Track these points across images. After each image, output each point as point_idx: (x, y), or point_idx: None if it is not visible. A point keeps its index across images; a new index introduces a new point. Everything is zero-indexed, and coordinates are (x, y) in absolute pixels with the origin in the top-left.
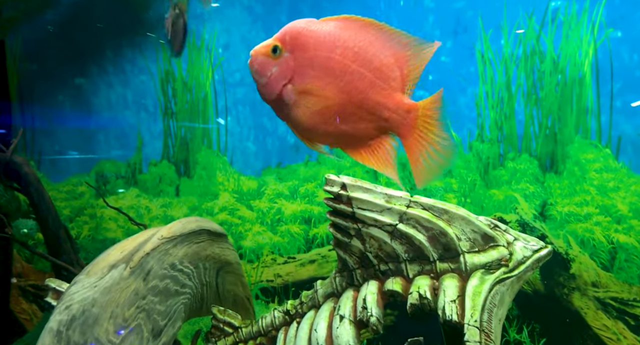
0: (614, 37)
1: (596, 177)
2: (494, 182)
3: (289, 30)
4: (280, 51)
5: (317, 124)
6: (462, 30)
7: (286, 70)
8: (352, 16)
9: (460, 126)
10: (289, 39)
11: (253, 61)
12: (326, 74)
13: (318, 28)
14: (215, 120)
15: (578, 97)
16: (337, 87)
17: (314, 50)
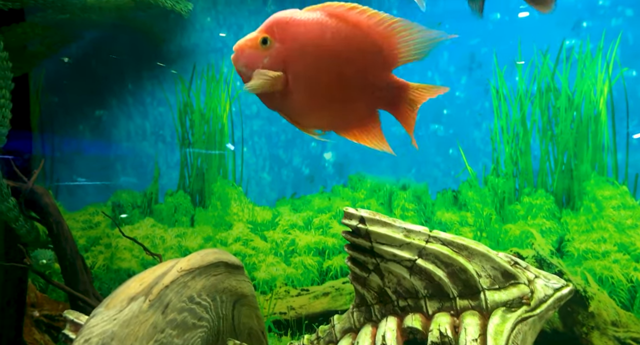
0: (629, 76)
1: (614, 215)
2: (510, 216)
3: (276, 21)
4: (270, 42)
5: (313, 109)
6: (477, 66)
7: (279, 60)
8: (334, 2)
9: (476, 160)
10: (277, 29)
11: (240, 55)
12: (319, 60)
13: (305, 17)
14: (226, 146)
15: (594, 134)
16: (330, 72)
17: (305, 38)
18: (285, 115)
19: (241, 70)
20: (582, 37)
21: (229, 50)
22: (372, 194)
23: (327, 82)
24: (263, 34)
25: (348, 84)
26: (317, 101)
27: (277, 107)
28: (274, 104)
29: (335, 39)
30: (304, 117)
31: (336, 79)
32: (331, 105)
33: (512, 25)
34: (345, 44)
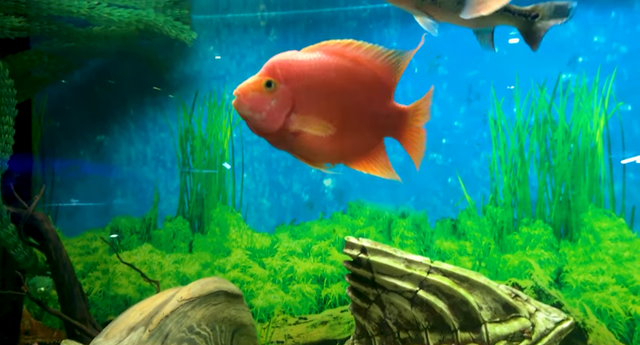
0: (624, 110)
1: (611, 246)
2: (509, 246)
3: (278, 63)
4: (274, 84)
5: (323, 145)
6: (475, 97)
7: (286, 101)
8: (330, 41)
9: (474, 190)
10: (280, 71)
11: (244, 99)
12: (325, 97)
13: (306, 57)
14: (222, 165)
15: (590, 166)
16: (337, 107)
17: (309, 77)
18: (295, 154)
19: (246, 114)
20: (578, 71)
21: (231, 78)
22: (371, 221)
23: (335, 117)
24: (266, 76)
25: (354, 117)
26: (327, 137)
27: (287, 148)
28: (284, 145)
29: (338, 75)
30: (315, 154)
31: (343, 113)
32: (341, 139)
33: (510, 58)
34: (348, 78)
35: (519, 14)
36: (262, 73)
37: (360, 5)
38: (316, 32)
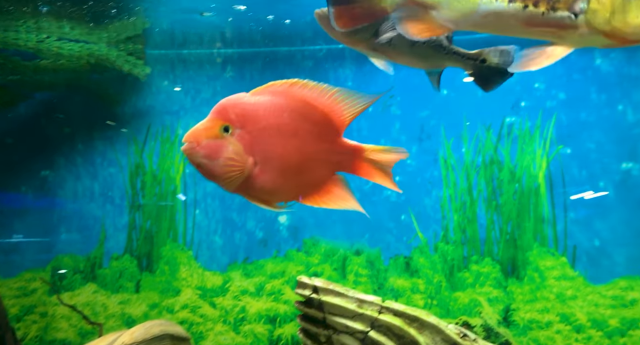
0: (564, 153)
1: (555, 285)
2: (459, 284)
3: (231, 107)
4: (230, 129)
5: (280, 186)
6: (426, 137)
7: (243, 145)
8: (276, 82)
9: (427, 227)
10: (235, 116)
11: (198, 146)
12: (280, 139)
13: (257, 100)
14: (177, 196)
15: (535, 205)
16: (292, 148)
17: (265, 120)
18: (251, 197)
19: (201, 162)
20: (521, 115)
21: (185, 112)
22: (326, 258)
23: (290, 157)
24: (220, 121)
25: (308, 155)
26: (284, 178)
27: (244, 191)
28: (240, 189)
29: (290, 116)
30: (273, 195)
31: (297, 153)
32: (296, 178)
33: (458, 101)
34: (300, 118)
35: (468, 57)
36: (215, 117)
37: (316, 45)
38: (272, 70)
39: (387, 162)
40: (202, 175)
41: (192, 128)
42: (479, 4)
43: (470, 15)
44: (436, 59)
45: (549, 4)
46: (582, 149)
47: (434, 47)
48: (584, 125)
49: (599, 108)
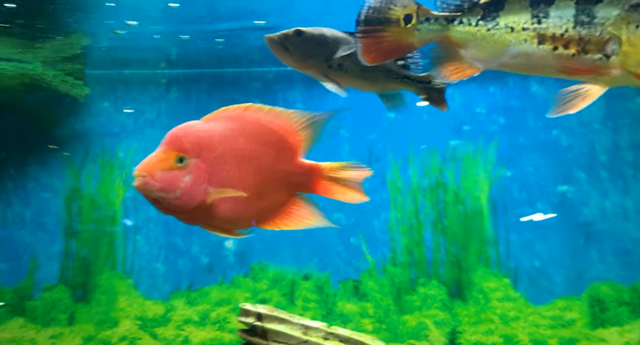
0: (505, 175)
1: (498, 306)
2: (407, 307)
3: (184, 136)
4: (186, 159)
5: (240, 213)
6: (375, 159)
7: (201, 175)
8: (228, 107)
9: (375, 249)
10: (190, 145)
11: (152, 179)
12: (237, 165)
13: (211, 127)
14: (122, 221)
15: (478, 227)
16: (249, 172)
17: (222, 147)
18: (210, 227)
19: (157, 195)
20: (464, 138)
21: (127, 135)
22: (274, 284)
23: (249, 182)
24: (175, 151)
25: (267, 179)
26: (244, 205)
27: (202, 222)
28: (199, 220)
29: (246, 141)
30: (233, 223)
31: (256, 178)
32: (256, 203)
33: (404, 123)
34: (256, 142)
35: (417, 80)
36: (168, 148)
37: (264, 67)
38: (220, 91)
39: (349, 178)
40: (158, 210)
41: (143, 161)
42: (508, 45)
43: (499, 56)
44: (387, 83)
45: (579, 46)
46: (521, 172)
47: (385, 71)
48: (522, 149)
49: (535, 133)
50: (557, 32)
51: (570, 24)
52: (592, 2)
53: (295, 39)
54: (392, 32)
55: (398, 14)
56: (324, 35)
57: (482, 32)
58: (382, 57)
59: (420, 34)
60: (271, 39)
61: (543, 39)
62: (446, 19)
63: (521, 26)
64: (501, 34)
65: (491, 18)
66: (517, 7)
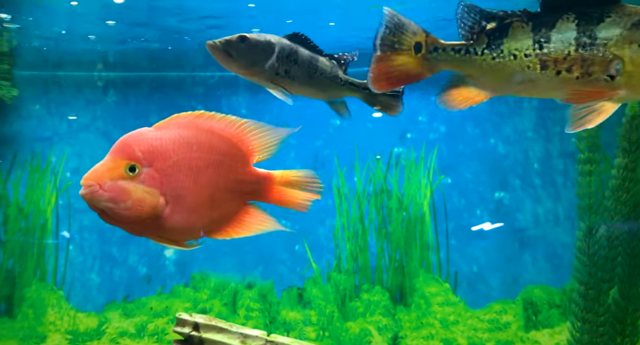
0: (446, 182)
1: (439, 311)
2: (351, 314)
3: (136, 144)
4: (138, 168)
5: (193, 224)
6: (320, 165)
7: (154, 184)
8: (179, 114)
9: (320, 257)
10: (142, 153)
11: (101, 189)
12: (193, 173)
13: (163, 134)
14: (60, 234)
15: (420, 233)
16: (205, 182)
17: (175, 155)
18: (162, 239)
19: (105, 206)
20: (407, 146)
21: (60, 139)
22: (215, 294)
23: (203, 193)
24: (126, 160)
25: (220, 188)
26: (197, 215)
27: (154, 233)
28: (150, 231)
29: (199, 149)
30: (184, 234)
31: (209, 187)
32: (209, 213)
33: (350, 131)
34: (209, 151)
35: (362, 87)
36: (118, 156)
37: (207, 71)
38: (161, 95)
39: (301, 188)
40: (105, 221)
41: (92, 169)
42: (513, 73)
43: (506, 83)
44: (333, 89)
45: (582, 69)
46: (460, 179)
47: (331, 78)
48: (462, 157)
49: (474, 141)
50: (559, 56)
51: (572, 46)
52: (594, 23)
53: (239, 45)
54: (403, 61)
55: (409, 40)
56: (270, 41)
57: (487, 61)
58: (391, 85)
59: (429, 63)
60: (213, 46)
61: (545, 64)
62: (453, 49)
63: (523, 53)
64: (505, 62)
65: (496, 46)
66: (520, 33)
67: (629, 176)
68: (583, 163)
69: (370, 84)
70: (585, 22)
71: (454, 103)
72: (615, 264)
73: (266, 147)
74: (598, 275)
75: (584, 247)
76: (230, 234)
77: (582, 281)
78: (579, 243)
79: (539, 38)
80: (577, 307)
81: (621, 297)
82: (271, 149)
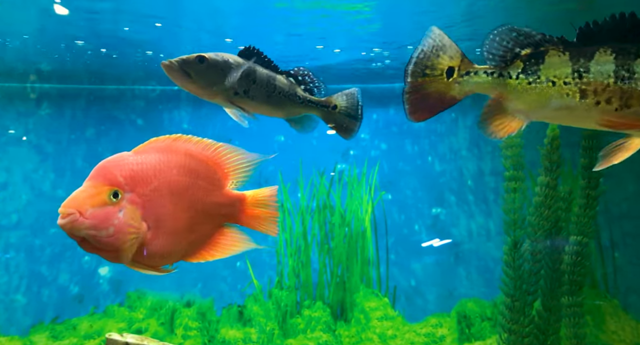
0: (386, 199)
1: (378, 326)
2: (292, 331)
3: (117, 170)
4: (120, 194)
5: (173, 249)
6: (264, 181)
7: (136, 210)
8: (158, 138)
9: (262, 273)
10: (123, 179)
11: (82, 217)
12: (173, 197)
13: (143, 159)
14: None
15: (362, 248)
16: (184, 206)
17: (156, 180)
18: (140, 265)
19: (86, 234)
20: (350, 162)
21: None
22: (152, 313)
23: (183, 217)
24: (107, 186)
25: (197, 212)
26: (177, 239)
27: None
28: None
29: (179, 172)
30: (163, 259)
31: (189, 211)
32: (187, 237)
33: (294, 148)
34: (188, 174)
35: (321, 105)
36: (100, 182)
37: (148, 85)
38: (99, 108)
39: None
40: (85, 249)
41: (72, 196)
42: (551, 99)
43: (541, 109)
44: (292, 107)
45: (621, 101)
46: (400, 195)
47: (289, 96)
48: (401, 174)
49: (413, 158)
50: (598, 87)
51: (611, 79)
52: (631, 58)
53: (198, 66)
54: (436, 87)
55: (443, 65)
56: (228, 61)
57: (523, 85)
58: (429, 114)
59: (461, 86)
60: (170, 66)
61: (585, 93)
62: (486, 73)
63: (562, 80)
64: (543, 88)
65: (532, 71)
66: (558, 61)
67: (550, 193)
68: (508, 180)
69: (408, 117)
70: (622, 56)
71: (496, 132)
72: (539, 277)
73: (241, 171)
74: (523, 287)
75: (510, 261)
76: (205, 257)
77: (509, 293)
78: (505, 257)
79: (578, 67)
80: (504, 318)
81: (544, 309)
82: (245, 172)
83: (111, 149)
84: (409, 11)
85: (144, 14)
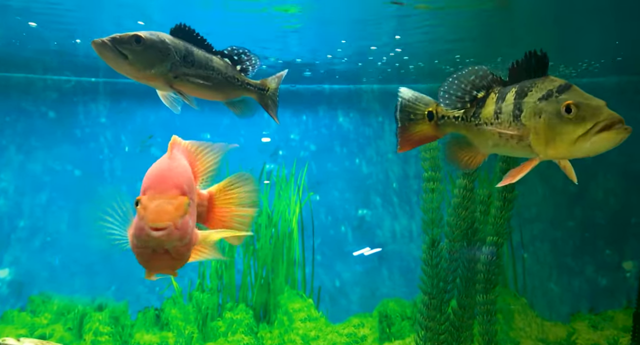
0: (314, 199)
1: (301, 327)
2: (212, 334)
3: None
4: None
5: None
6: None
7: (192, 215)
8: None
9: (183, 275)
10: (187, 187)
11: (175, 229)
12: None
13: (182, 166)
14: None
15: (288, 249)
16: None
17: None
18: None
19: (176, 246)
20: (279, 163)
21: None
22: (59, 318)
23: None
24: (183, 196)
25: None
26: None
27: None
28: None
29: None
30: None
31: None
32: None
33: None
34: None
35: (257, 87)
36: (177, 193)
37: (62, 76)
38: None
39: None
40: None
41: (159, 209)
42: (487, 137)
43: (485, 145)
44: (230, 90)
45: (514, 139)
46: (328, 196)
47: (227, 78)
48: (329, 175)
49: (341, 160)
50: (504, 126)
51: (511, 117)
52: (522, 96)
53: (135, 46)
54: (420, 128)
55: (422, 110)
56: (165, 41)
57: (473, 127)
58: (414, 146)
59: (440, 128)
60: (102, 45)
61: (499, 133)
62: (454, 117)
63: (490, 121)
64: (482, 129)
65: (477, 114)
66: (490, 103)
67: (467, 195)
68: (427, 181)
69: (399, 149)
70: (518, 95)
71: (461, 164)
72: (455, 275)
73: (208, 168)
74: (440, 285)
75: (428, 259)
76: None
77: (426, 291)
78: (424, 255)
79: (497, 109)
80: (422, 316)
81: (459, 307)
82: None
83: (17, 142)
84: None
85: None
